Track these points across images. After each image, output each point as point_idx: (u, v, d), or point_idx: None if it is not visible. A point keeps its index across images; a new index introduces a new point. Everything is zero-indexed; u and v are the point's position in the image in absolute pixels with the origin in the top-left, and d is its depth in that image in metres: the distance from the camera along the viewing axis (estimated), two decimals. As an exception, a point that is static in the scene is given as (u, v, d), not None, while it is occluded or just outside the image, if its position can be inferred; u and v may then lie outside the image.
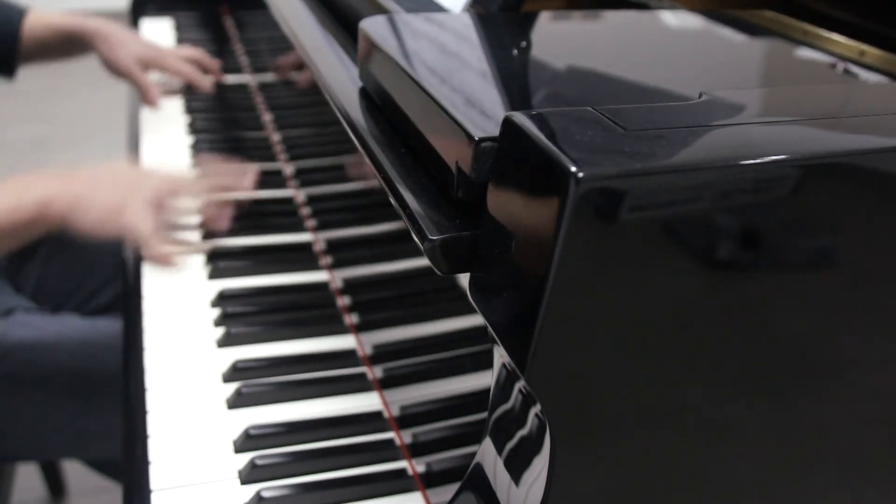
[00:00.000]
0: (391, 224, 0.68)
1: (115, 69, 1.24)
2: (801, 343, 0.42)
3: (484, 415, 0.44)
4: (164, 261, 0.83)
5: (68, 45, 1.27)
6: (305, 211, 0.94)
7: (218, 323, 0.77)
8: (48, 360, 0.92)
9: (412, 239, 0.43)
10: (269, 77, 1.18)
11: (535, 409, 0.39)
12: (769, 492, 0.46)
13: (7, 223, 0.81)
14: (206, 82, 1.24)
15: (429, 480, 0.59)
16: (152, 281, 0.82)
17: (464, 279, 0.44)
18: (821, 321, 0.41)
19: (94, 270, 1.13)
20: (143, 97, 1.21)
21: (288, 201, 0.97)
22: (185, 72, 1.24)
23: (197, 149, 1.10)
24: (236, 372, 0.70)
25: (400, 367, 0.67)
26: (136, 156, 1.09)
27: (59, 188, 0.83)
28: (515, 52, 0.55)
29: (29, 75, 1.34)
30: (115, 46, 1.22)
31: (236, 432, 0.64)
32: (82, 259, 1.13)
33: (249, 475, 0.59)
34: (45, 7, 1.36)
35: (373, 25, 0.56)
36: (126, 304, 0.82)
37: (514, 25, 0.60)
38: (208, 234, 0.90)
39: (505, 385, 0.42)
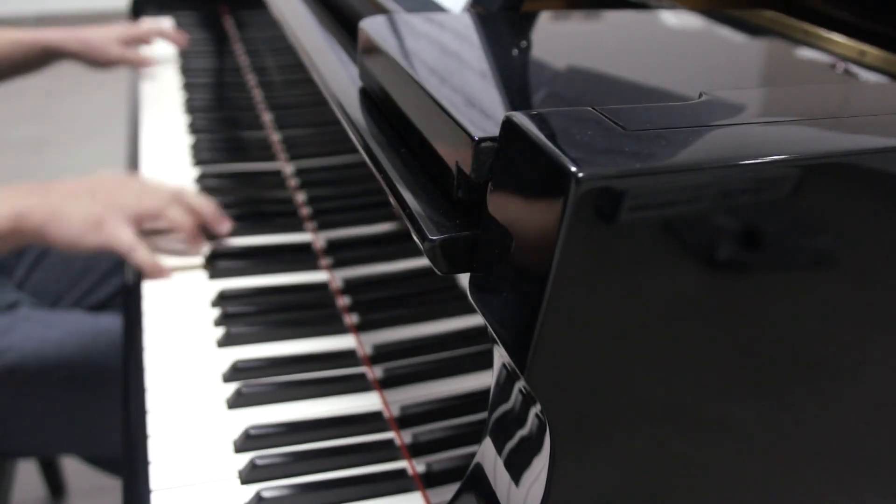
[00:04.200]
0: (391, 224, 0.68)
1: (100, 61, 1.31)
2: (801, 343, 0.42)
3: (484, 415, 0.44)
4: (153, 270, 0.83)
5: (31, 58, 1.31)
6: (305, 211, 0.94)
7: (218, 323, 0.77)
8: (52, 355, 0.92)
9: (412, 239, 0.43)
10: (269, 77, 1.18)
11: (535, 409, 0.39)
12: (770, 492, 0.46)
13: None
14: (179, 39, 1.38)
15: (429, 480, 0.59)
16: (152, 280, 0.82)
17: (464, 279, 0.44)
18: (821, 321, 0.41)
19: (92, 266, 1.13)
20: (141, 66, 1.34)
21: (288, 201, 0.97)
22: (157, 32, 1.37)
23: (197, 148, 1.10)
24: (236, 372, 0.70)
25: (400, 367, 0.67)
26: (136, 156, 1.09)
27: (34, 201, 0.81)
28: (515, 52, 0.55)
29: (33, 74, 1.34)
30: (91, 41, 1.30)
31: (236, 432, 0.64)
32: (80, 255, 1.14)
33: (249, 475, 0.59)
34: (46, 8, 1.40)
35: (373, 25, 0.56)
36: (126, 303, 0.82)
37: (514, 25, 0.60)
38: (210, 237, 0.89)
39: (505, 385, 0.42)
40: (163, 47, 1.43)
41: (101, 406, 0.94)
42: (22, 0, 3.92)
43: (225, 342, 0.74)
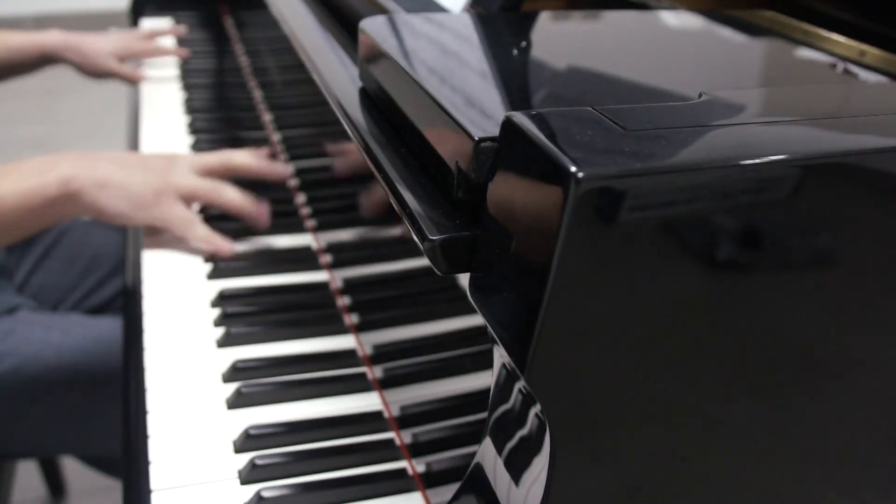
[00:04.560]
0: (391, 224, 0.68)
1: (94, 72, 1.32)
2: (801, 343, 0.42)
3: (484, 415, 0.44)
4: (213, 246, 0.83)
5: (27, 62, 1.32)
6: (305, 211, 0.94)
7: (218, 323, 0.77)
8: (53, 358, 0.92)
9: (412, 239, 0.43)
10: (269, 78, 1.18)
11: (535, 409, 0.39)
12: (770, 492, 0.46)
13: (29, 203, 0.79)
14: (180, 52, 1.39)
15: (429, 480, 0.59)
16: (152, 281, 0.82)
17: (464, 279, 0.44)
18: (821, 322, 0.41)
19: (93, 268, 1.13)
20: (131, 80, 1.33)
21: (288, 201, 0.97)
22: (152, 49, 1.37)
23: (197, 149, 1.10)
24: (236, 372, 0.70)
25: (400, 367, 0.67)
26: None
27: (82, 165, 0.81)
28: (515, 52, 0.55)
29: (29, 75, 1.35)
30: (86, 52, 1.31)
31: (236, 432, 0.64)
32: (81, 256, 1.14)
33: (249, 475, 0.59)
34: (45, 8, 1.41)
35: (373, 25, 0.56)
36: (126, 303, 0.82)
37: (514, 25, 0.60)
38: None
39: (505, 385, 0.42)
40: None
41: (101, 408, 0.94)
42: (22, 0, 3.92)
43: (225, 342, 0.74)
